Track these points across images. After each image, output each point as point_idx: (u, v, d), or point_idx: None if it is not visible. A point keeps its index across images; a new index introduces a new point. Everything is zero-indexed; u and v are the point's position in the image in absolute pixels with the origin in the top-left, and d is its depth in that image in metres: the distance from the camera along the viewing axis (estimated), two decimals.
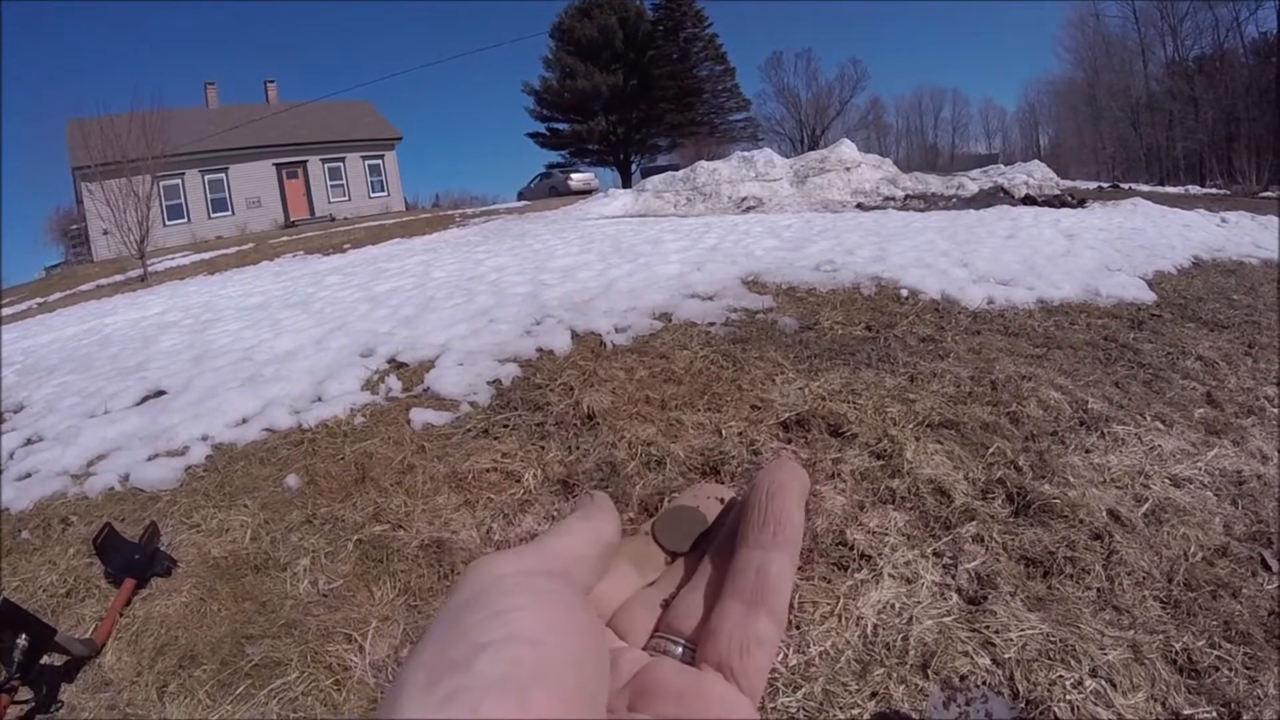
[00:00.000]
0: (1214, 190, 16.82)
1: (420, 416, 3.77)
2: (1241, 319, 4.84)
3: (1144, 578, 2.43)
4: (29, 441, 4.11)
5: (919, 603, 2.35)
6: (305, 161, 32.90)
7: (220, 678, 2.38)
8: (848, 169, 14.03)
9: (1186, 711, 1.95)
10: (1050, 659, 2.10)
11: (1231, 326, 4.69)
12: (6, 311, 14.06)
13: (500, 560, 0.33)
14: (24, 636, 2.21)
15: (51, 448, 3.90)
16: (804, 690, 2.07)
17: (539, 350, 4.35)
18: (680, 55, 43.21)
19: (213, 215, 30.65)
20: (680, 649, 0.37)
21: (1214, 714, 1.94)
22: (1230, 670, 2.06)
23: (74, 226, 32.26)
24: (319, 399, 4.08)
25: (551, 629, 0.29)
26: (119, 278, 15.56)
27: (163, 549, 2.93)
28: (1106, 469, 3.02)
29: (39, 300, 15.40)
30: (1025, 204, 10.91)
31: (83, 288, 15.61)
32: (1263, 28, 31.68)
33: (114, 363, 5.56)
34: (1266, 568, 2.49)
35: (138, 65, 71.98)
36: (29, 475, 3.68)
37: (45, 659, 2.32)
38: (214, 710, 2.26)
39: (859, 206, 12.20)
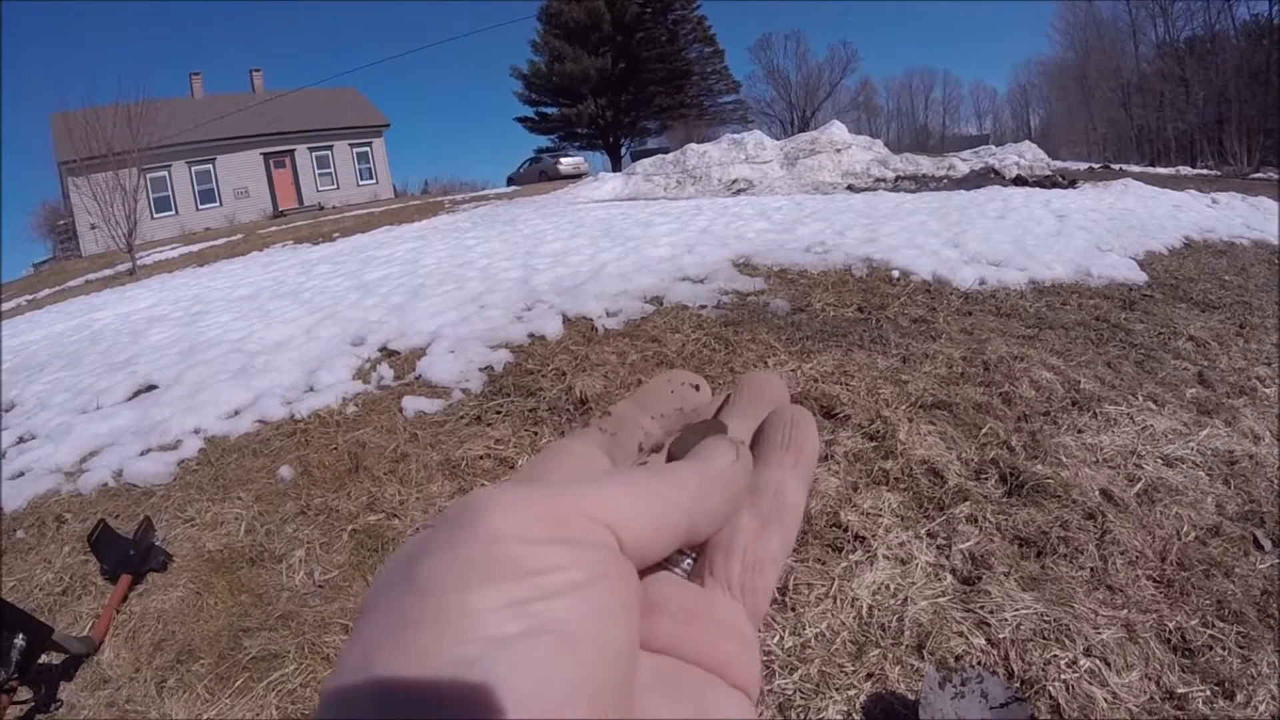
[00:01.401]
0: (1205, 171, 16.86)
1: (412, 404, 3.76)
2: (1233, 299, 4.86)
3: (1137, 557, 2.45)
4: (21, 439, 4.09)
5: (913, 583, 2.36)
6: (293, 150, 32.66)
7: (218, 671, 2.37)
8: (838, 151, 13.99)
9: (1180, 690, 1.96)
10: (1045, 638, 2.11)
11: (1223, 307, 4.71)
12: None
13: (519, 501, 0.25)
14: (21, 636, 2.20)
15: (44, 445, 3.87)
16: (800, 672, 2.08)
17: (530, 336, 4.34)
18: (669, 37, 42.94)
19: (201, 207, 30.43)
20: (683, 556, 0.33)
21: (1207, 692, 1.95)
22: (1223, 649, 2.08)
23: (61, 221, 32.04)
24: (311, 389, 4.07)
25: (596, 620, 0.23)
26: (107, 272, 15.44)
27: (158, 544, 2.92)
28: (1099, 449, 3.03)
29: (28, 297, 15.28)
30: (1016, 185, 10.91)
31: (71, 283, 15.49)
32: (1254, 9, 31.65)
33: (104, 358, 5.52)
34: (1259, 547, 2.51)
35: (122, 56, 71.25)
36: (22, 474, 3.66)
37: (43, 658, 2.31)
38: (213, 704, 2.26)
39: (850, 188, 12.17)
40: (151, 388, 4.46)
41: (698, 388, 0.39)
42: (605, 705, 0.22)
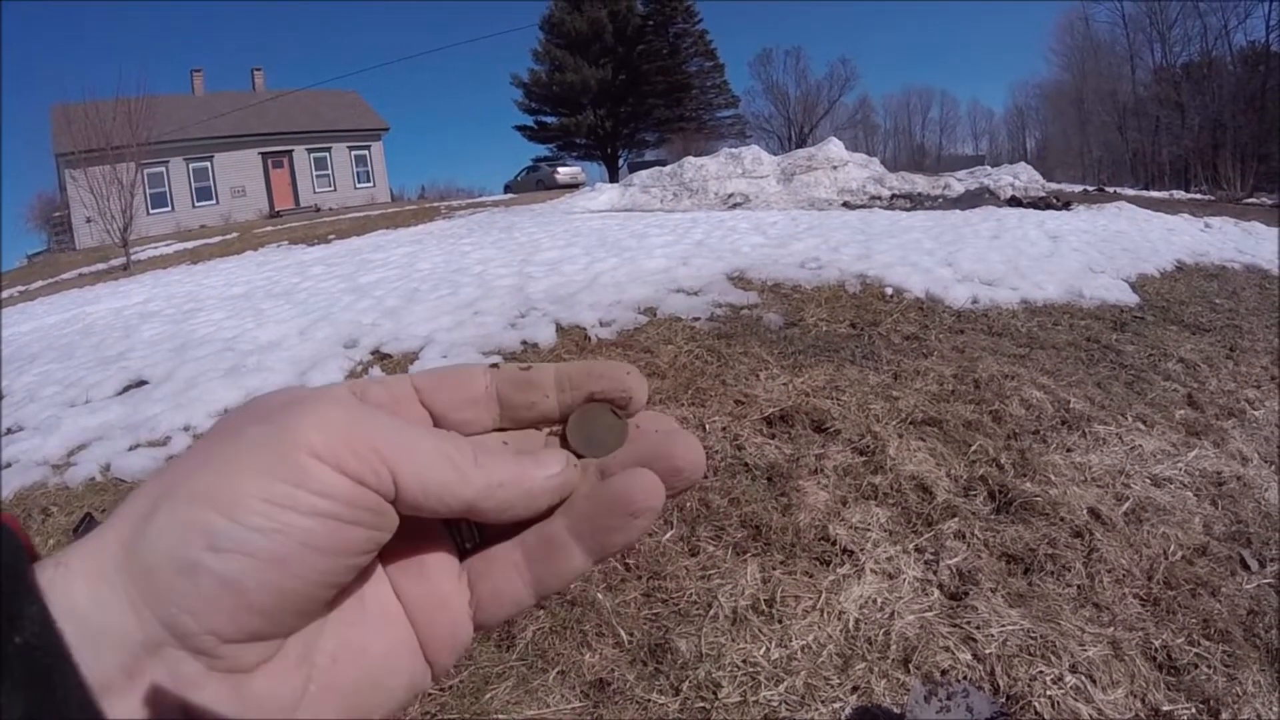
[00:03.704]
0: (1198, 195, 16.99)
1: None
2: (1223, 323, 4.89)
3: (1124, 575, 2.45)
4: (9, 431, 4.07)
5: (901, 598, 2.36)
6: (291, 151, 32.66)
7: None
8: (835, 167, 14.07)
9: (1166, 707, 1.96)
10: (1031, 654, 2.11)
11: (1213, 330, 4.73)
12: None
13: (334, 421, 0.28)
14: None
15: (32, 437, 3.85)
16: (786, 684, 2.07)
17: (523, 343, 4.34)
18: (670, 50, 43.18)
19: (197, 204, 30.39)
20: (472, 530, 0.34)
21: (1193, 710, 1.95)
22: (1209, 667, 2.08)
23: (57, 214, 31.91)
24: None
25: (313, 555, 0.27)
26: (101, 266, 15.40)
27: None
28: (1088, 468, 3.04)
29: (20, 288, 15.21)
30: (1011, 205, 10.98)
31: (65, 276, 15.44)
32: (1251, 36, 31.92)
33: (96, 352, 5.50)
34: (1245, 567, 2.52)
35: (125, 51, 71.28)
36: (9, 465, 3.63)
37: None
38: None
39: (845, 205, 12.24)
40: (142, 383, 4.45)
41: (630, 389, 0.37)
42: (264, 624, 0.26)
